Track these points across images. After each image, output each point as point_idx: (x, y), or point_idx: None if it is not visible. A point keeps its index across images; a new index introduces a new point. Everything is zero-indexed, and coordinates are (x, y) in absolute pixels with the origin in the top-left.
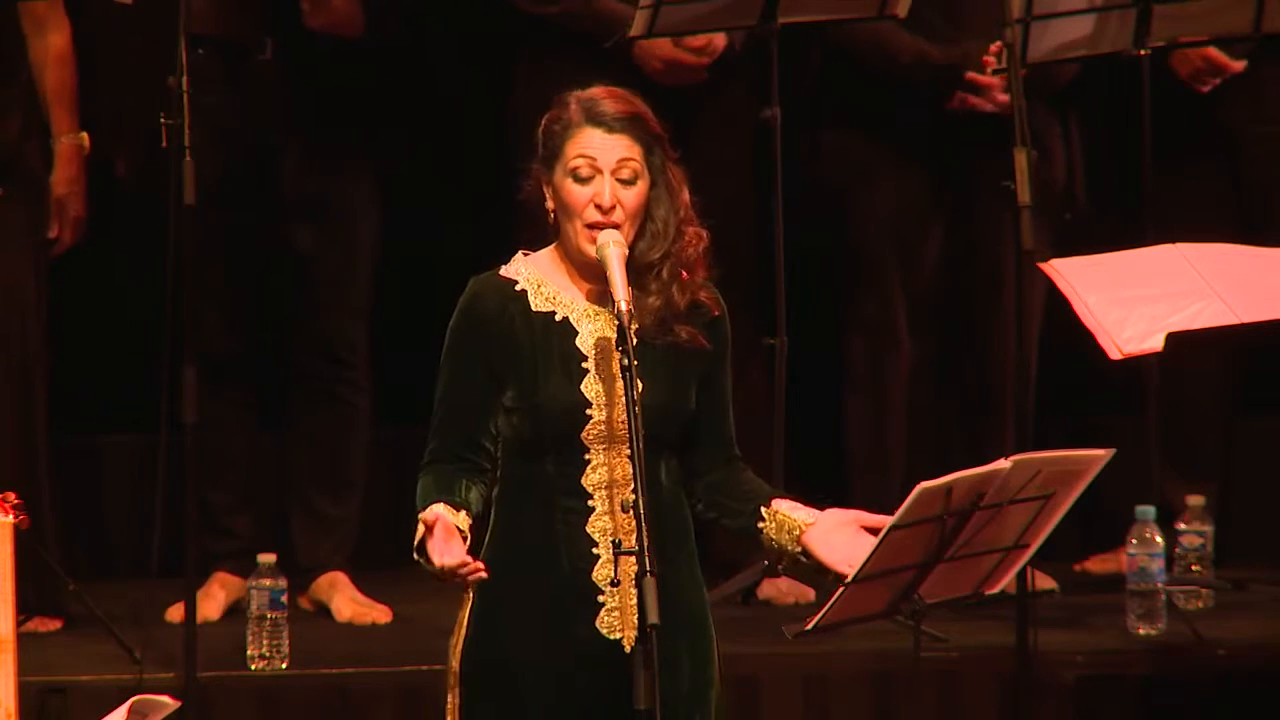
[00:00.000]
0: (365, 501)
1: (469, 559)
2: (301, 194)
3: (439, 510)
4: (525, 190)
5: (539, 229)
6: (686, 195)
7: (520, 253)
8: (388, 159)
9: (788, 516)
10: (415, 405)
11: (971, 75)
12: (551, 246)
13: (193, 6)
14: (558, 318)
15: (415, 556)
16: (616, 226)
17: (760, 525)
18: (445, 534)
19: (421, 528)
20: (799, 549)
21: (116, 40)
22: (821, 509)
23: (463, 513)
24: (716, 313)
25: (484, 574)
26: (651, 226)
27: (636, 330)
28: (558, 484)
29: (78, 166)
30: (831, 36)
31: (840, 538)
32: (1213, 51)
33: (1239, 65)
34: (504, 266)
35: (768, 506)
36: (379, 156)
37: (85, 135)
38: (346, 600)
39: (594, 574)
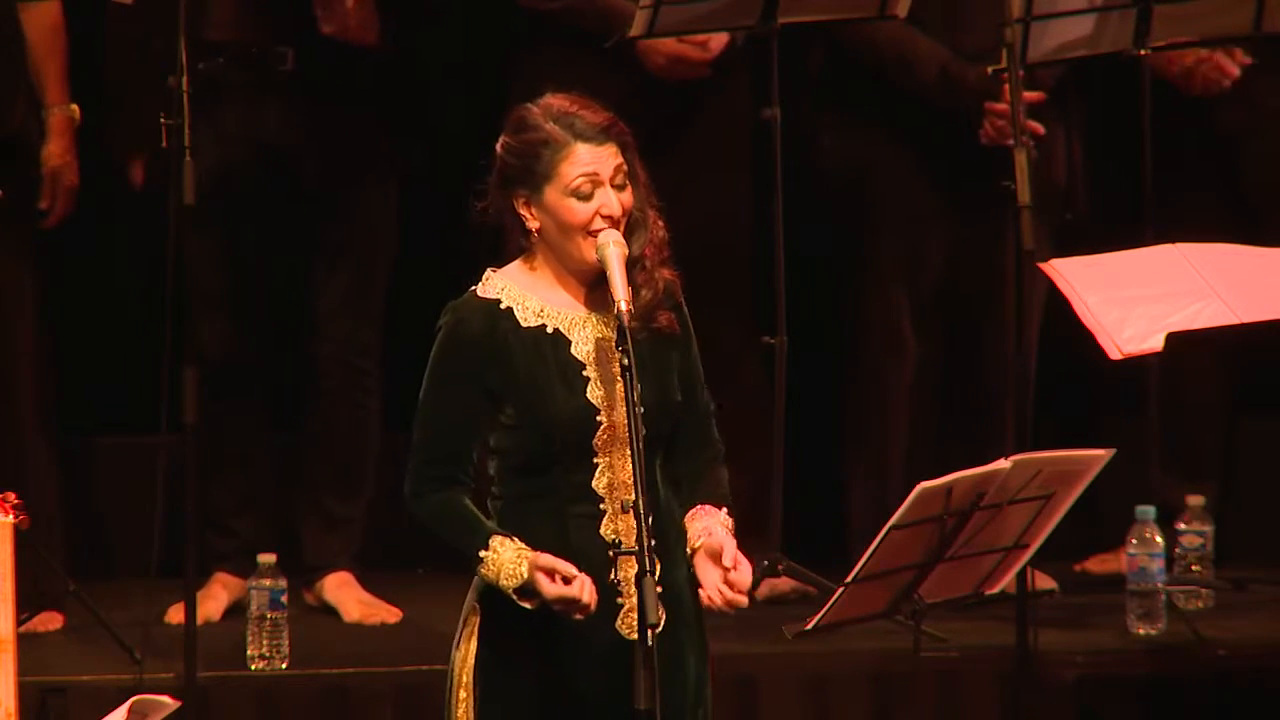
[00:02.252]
0: (370, 503)
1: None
2: (319, 201)
3: (544, 557)
4: (488, 212)
5: (504, 245)
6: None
7: (490, 270)
8: (406, 165)
9: (690, 531)
10: None
11: (990, 105)
12: (519, 260)
13: (214, 14)
14: (549, 330)
15: (518, 599)
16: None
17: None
18: (563, 568)
19: (534, 572)
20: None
21: (131, 42)
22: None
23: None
24: (679, 298)
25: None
26: (631, 219)
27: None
28: (567, 492)
29: (70, 137)
30: (851, 45)
31: (705, 569)
32: (1219, 56)
33: (1235, 71)
34: (478, 287)
35: (687, 514)
36: (398, 163)
37: (75, 107)
38: (355, 601)
39: (610, 577)
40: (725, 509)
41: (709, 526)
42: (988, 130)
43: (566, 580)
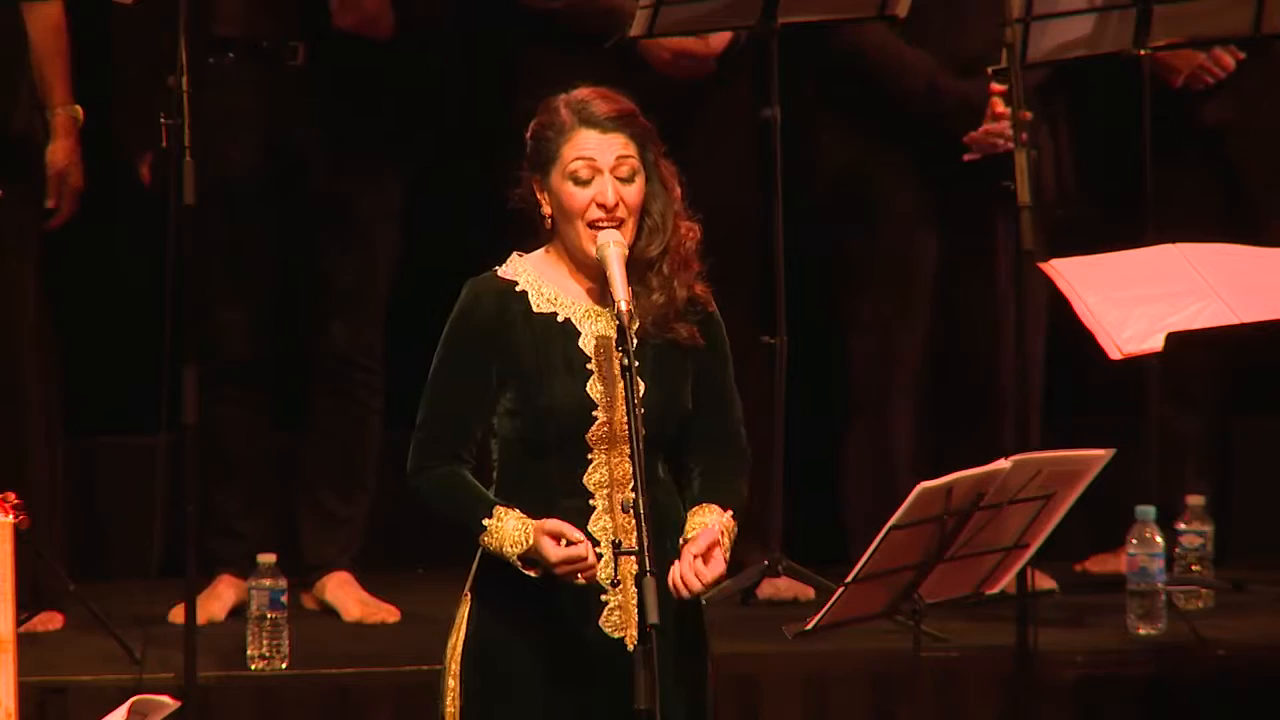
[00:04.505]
0: (370, 503)
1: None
2: (325, 198)
3: (549, 522)
4: (516, 196)
5: (531, 232)
6: (679, 190)
7: (515, 254)
8: (412, 164)
9: (688, 524)
10: None
11: (983, 131)
12: (545, 248)
13: (223, 8)
14: (559, 318)
15: (522, 567)
16: (619, 224)
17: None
18: (569, 532)
19: (539, 536)
20: None
21: (138, 41)
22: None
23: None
24: (711, 308)
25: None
26: (649, 221)
27: (636, 329)
28: (560, 484)
29: (75, 138)
30: (844, 52)
31: (684, 556)
32: (1217, 52)
33: (1231, 63)
34: (500, 268)
35: (690, 510)
36: (404, 162)
37: (79, 108)
38: (354, 600)
39: (598, 573)
40: (730, 512)
41: (706, 522)
42: (976, 137)
43: (570, 544)
